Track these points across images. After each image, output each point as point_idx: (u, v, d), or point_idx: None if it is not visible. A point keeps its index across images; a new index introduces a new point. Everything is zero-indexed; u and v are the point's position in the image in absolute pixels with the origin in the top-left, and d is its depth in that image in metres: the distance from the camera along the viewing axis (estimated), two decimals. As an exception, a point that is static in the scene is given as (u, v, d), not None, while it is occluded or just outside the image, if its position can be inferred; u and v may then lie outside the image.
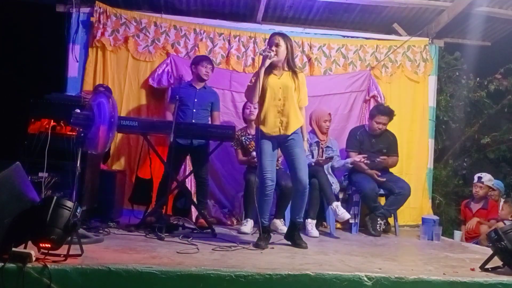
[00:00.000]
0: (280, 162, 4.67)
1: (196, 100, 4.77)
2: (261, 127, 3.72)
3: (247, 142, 4.84)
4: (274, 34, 3.76)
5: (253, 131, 4.64)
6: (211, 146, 4.71)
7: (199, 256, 3.14)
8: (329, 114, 5.11)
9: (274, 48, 3.65)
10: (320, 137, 5.03)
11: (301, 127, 3.79)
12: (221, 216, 5.10)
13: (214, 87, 5.32)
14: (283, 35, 3.74)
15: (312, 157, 4.91)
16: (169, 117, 4.79)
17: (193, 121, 4.68)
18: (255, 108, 4.49)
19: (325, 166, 4.90)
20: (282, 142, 3.74)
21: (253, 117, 4.62)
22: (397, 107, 5.35)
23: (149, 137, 4.35)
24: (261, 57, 3.63)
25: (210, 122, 4.93)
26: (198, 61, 4.83)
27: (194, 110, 4.75)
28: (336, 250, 3.78)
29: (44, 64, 5.61)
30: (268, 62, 3.62)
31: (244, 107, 4.95)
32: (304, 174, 3.68)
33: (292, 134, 3.70)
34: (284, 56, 3.70)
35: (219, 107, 5.05)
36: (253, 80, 3.71)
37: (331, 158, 4.85)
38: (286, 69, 3.75)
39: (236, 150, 4.94)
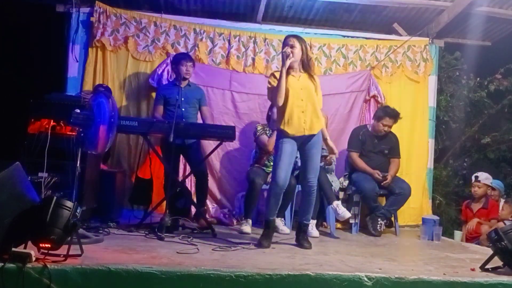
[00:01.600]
0: None
1: (182, 99, 4.72)
2: (285, 128, 3.69)
3: (270, 136, 4.76)
4: (289, 36, 3.76)
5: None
6: (211, 146, 4.70)
7: (199, 256, 3.14)
8: None
9: (289, 49, 3.65)
10: None
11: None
12: (221, 216, 5.10)
13: (214, 87, 5.34)
14: (297, 37, 3.75)
15: None
16: (157, 118, 4.76)
17: (184, 120, 4.65)
18: None
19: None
20: (303, 143, 3.74)
21: None
22: (397, 107, 5.34)
23: (149, 137, 4.35)
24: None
25: (200, 118, 4.92)
26: (177, 60, 4.76)
27: (183, 109, 4.72)
28: (336, 250, 3.78)
29: (44, 64, 5.61)
30: (288, 62, 3.62)
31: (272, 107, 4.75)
32: (314, 177, 3.75)
33: (315, 134, 3.71)
34: (300, 58, 3.71)
35: (206, 101, 5.04)
36: (271, 82, 3.72)
37: (324, 157, 4.81)
38: (302, 71, 3.75)
39: (261, 136, 4.79)
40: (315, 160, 3.77)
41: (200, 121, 4.94)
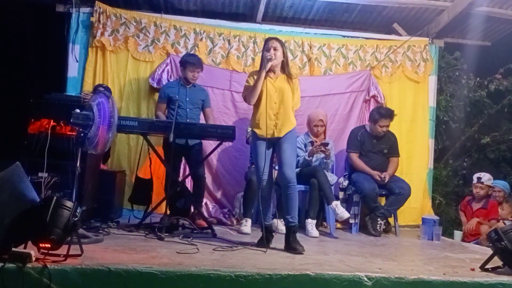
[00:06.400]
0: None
1: (187, 98, 4.75)
2: (256, 130, 3.75)
3: None
4: (271, 39, 3.78)
5: None
6: (211, 147, 4.71)
7: (199, 256, 3.14)
8: (321, 120, 5.04)
9: (272, 52, 3.67)
10: (313, 138, 5.04)
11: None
12: (221, 216, 5.10)
13: (214, 87, 5.33)
14: (279, 40, 3.78)
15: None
16: (161, 116, 4.79)
17: (188, 120, 4.67)
18: None
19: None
20: (275, 143, 3.76)
21: None
22: (397, 107, 5.35)
23: (149, 137, 4.35)
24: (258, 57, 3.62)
25: (204, 120, 4.92)
26: (185, 65, 4.75)
27: (188, 109, 4.74)
28: (336, 250, 3.78)
29: (44, 64, 5.60)
30: (269, 65, 3.65)
31: None
32: (288, 169, 3.64)
33: (284, 135, 3.72)
34: (281, 60, 3.74)
35: (210, 103, 5.04)
36: (249, 81, 3.75)
37: (324, 144, 4.80)
38: (280, 72, 3.78)
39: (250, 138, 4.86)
40: (288, 153, 3.69)
41: (203, 121, 4.94)
